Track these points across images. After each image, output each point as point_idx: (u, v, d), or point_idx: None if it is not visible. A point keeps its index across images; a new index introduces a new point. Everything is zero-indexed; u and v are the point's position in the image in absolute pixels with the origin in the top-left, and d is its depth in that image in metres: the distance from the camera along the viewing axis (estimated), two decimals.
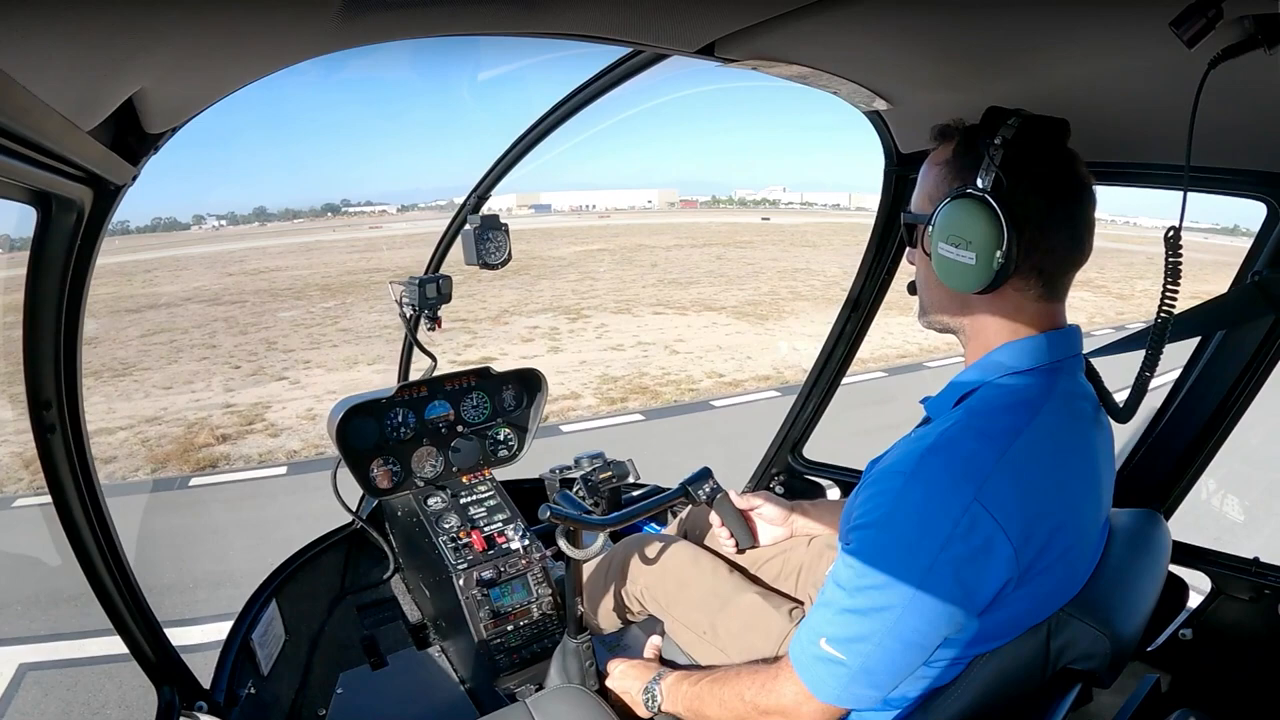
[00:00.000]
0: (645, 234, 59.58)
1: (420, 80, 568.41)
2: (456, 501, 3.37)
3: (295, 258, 46.38)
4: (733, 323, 20.86)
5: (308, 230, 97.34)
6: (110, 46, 1.03)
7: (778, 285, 28.96)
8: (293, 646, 3.13)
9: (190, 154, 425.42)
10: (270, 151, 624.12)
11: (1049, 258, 1.54)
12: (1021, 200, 1.49)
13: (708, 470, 2.48)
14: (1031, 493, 1.47)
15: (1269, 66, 1.31)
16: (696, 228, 71.71)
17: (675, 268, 35.37)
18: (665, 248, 46.51)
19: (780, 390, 13.15)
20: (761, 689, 1.70)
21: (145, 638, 2.24)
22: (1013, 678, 1.56)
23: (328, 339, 19.34)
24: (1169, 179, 2.14)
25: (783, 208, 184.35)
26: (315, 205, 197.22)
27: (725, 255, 42.19)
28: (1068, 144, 1.57)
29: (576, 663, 2.42)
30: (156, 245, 70.20)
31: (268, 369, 16.08)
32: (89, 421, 1.94)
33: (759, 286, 28.61)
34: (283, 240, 67.35)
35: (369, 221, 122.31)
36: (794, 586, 2.50)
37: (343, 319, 22.27)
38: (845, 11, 1.50)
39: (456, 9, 1.26)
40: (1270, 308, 2.05)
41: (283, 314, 23.57)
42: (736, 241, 52.77)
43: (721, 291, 27.14)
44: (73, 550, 2.03)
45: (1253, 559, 2.31)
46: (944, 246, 1.57)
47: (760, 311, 22.67)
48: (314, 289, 29.79)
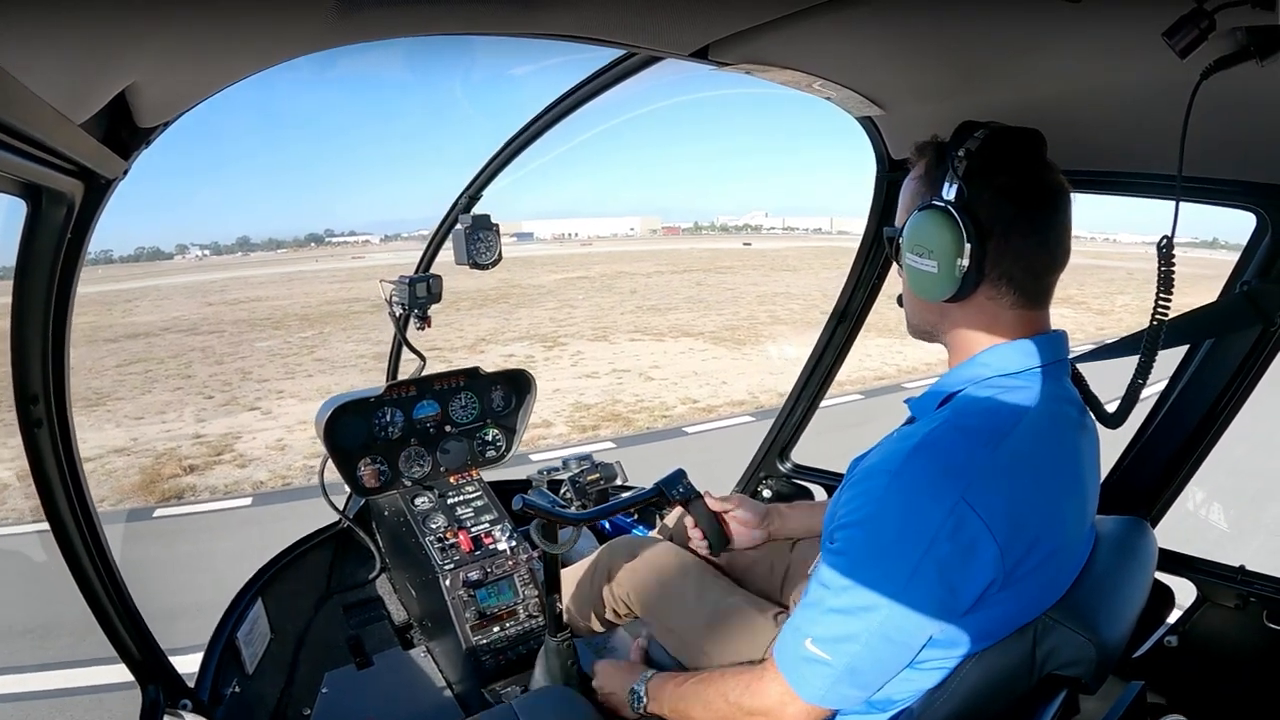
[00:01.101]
0: (626, 261, 60.08)
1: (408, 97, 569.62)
2: (444, 502, 3.37)
3: (276, 288, 46.62)
4: (709, 348, 20.82)
5: (291, 260, 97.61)
6: (103, 39, 1.03)
7: (756, 310, 29.00)
8: (278, 645, 3.12)
9: (176, 182, 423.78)
10: (255, 178, 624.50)
11: (1018, 264, 1.56)
12: (986, 209, 1.51)
13: (682, 471, 2.47)
14: (1017, 494, 1.47)
15: (1260, 78, 1.33)
16: (678, 254, 71.95)
17: (654, 294, 35.57)
18: (645, 274, 46.74)
19: (754, 415, 13.14)
20: (746, 689, 1.69)
21: (130, 636, 2.23)
22: (998, 683, 1.56)
23: (303, 369, 19.24)
24: (1160, 189, 2.15)
25: (764, 233, 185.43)
26: (299, 235, 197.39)
27: (705, 281, 42.23)
28: (1046, 153, 1.58)
29: (559, 661, 2.42)
30: (139, 275, 70.30)
31: (241, 399, 16.00)
32: None
33: (738, 311, 28.64)
34: (265, 270, 67.33)
35: (351, 252, 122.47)
36: (779, 590, 2.50)
37: (319, 349, 22.20)
38: (839, 17, 1.51)
39: (450, 8, 1.26)
40: (1258, 317, 2.06)
41: (260, 344, 23.45)
42: (717, 267, 52.94)
43: (700, 317, 27.18)
44: (58, 547, 2.02)
45: (1238, 567, 2.31)
46: (910, 257, 1.62)
47: (738, 336, 22.68)
48: (293, 319, 29.94)
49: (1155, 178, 2.14)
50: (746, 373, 17.41)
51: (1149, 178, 2.16)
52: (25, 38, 0.91)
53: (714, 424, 12.74)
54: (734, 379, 16.68)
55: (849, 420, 12.01)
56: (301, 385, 17.19)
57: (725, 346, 21.06)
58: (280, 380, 17.91)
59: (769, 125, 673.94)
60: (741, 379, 16.67)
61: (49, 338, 1.75)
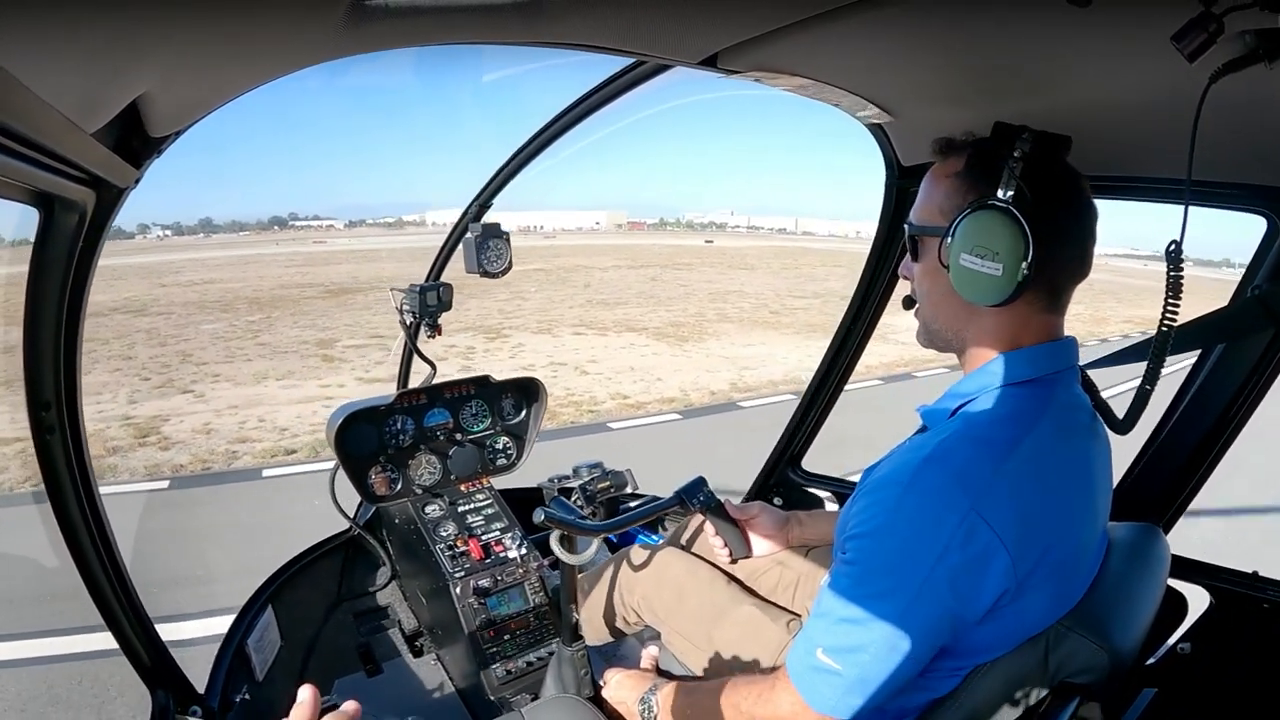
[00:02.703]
0: (586, 255, 59.76)
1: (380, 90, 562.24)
2: (454, 509, 3.36)
3: (233, 270, 45.95)
4: (651, 344, 20.73)
5: (252, 243, 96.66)
6: (115, 49, 1.04)
7: (706, 307, 28.93)
8: (288, 653, 3.12)
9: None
10: (222, 160, 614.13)
11: (1062, 271, 1.57)
12: (1039, 214, 1.49)
13: (702, 479, 2.46)
14: (1029, 504, 1.47)
15: (1269, 81, 1.33)
16: (639, 249, 71.94)
17: (607, 289, 35.22)
18: (603, 268, 46.47)
19: (682, 414, 13.03)
20: (758, 700, 1.70)
21: (140, 641, 2.24)
22: (1010, 691, 1.57)
23: (243, 353, 19.08)
24: (1169, 193, 2.14)
25: (729, 231, 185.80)
26: (263, 218, 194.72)
27: (660, 277, 42.14)
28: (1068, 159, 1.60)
29: (572, 671, 2.40)
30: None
31: (176, 381, 15.78)
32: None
33: (687, 308, 28.57)
34: (225, 253, 66.78)
35: (314, 236, 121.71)
36: (791, 598, 2.50)
37: (264, 333, 21.96)
38: (848, 24, 1.51)
39: (461, 17, 1.25)
40: (1270, 321, 2.05)
41: (206, 326, 23.20)
42: (675, 263, 52.93)
43: (648, 313, 27.06)
44: (69, 551, 2.03)
45: (1252, 573, 2.30)
46: (967, 258, 1.56)
47: (681, 333, 22.60)
48: (242, 302, 29.30)
49: (1164, 182, 2.14)
50: (683, 370, 17.35)
51: (1158, 182, 2.15)
52: (38, 47, 0.93)
53: (639, 421, 12.57)
54: (669, 375, 16.60)
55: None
56: (239, 369, 17.03)
57: (667, 343, 21.00)
58: (218, 364, 17.73)
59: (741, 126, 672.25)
60: (677, 376, 16.59)
61: (61, 345, 1.76)
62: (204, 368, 17.33)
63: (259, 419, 12.63)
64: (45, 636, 5.47)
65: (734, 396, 14.52)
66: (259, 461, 10.29)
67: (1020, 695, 1.57)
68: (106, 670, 4.94)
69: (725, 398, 14.47)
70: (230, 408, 13.48)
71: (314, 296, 30.97)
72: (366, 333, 21.72)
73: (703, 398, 14.48)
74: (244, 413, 13.10)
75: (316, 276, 40.20)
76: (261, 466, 9.99)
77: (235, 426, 12.19)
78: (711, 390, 15.13)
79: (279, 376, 16.27)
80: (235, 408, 13.42)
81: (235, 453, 10.78)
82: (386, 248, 66.87)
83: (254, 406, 13.52)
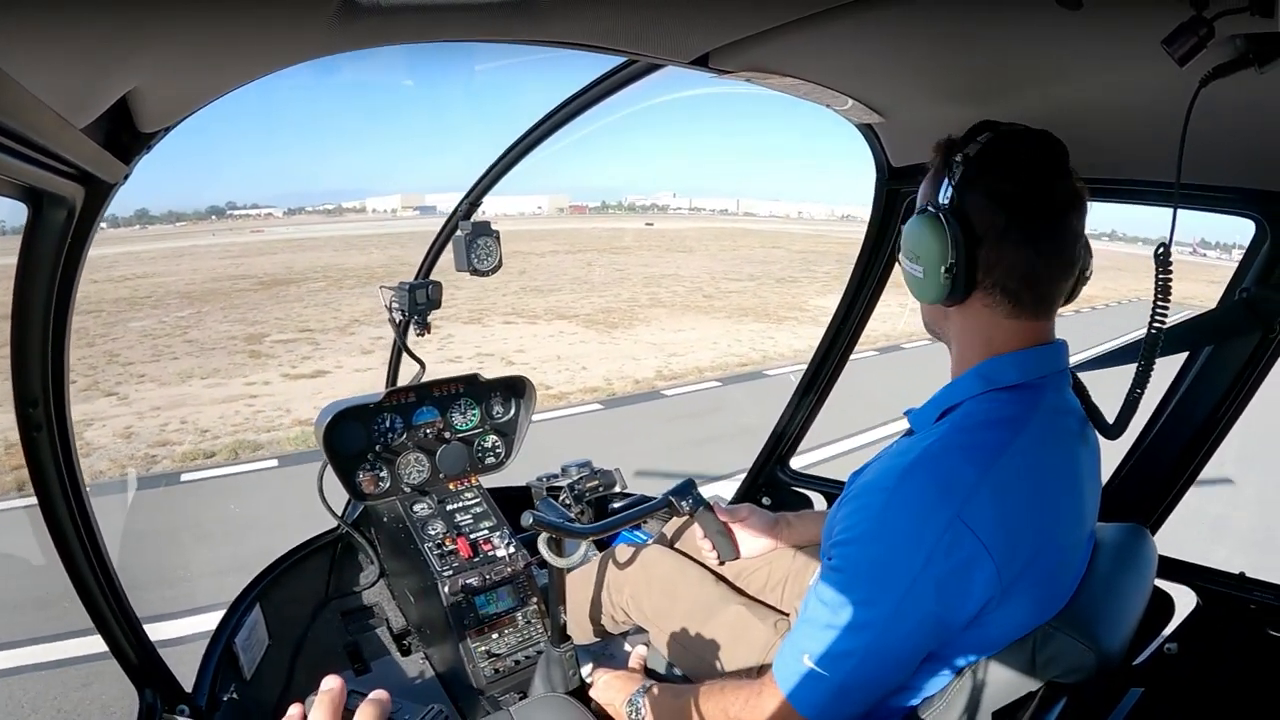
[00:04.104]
0: (525, 240, 59.60)
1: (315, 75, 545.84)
2: (443, 508, 3.34)
3: (166, 263, 45.01)
4: (579, 331, 20.77)
5: (188, 234, 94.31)
6: (106, 45, 1.03)
7: (639, 292, 28.94)
8: (276, 651, 3.11)
9: None
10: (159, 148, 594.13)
11: (1011, 274, 1.53)
12: (979, 215, 1.50)
13: (692, 481, 2.46)
14: (1014, 510, 1.46)
15: (1259, 85, 1.32)
16: (579, 233, 71.55)
17: (542, 274, 35.47)
18: (540, 254, 46.67)
19: (603, 404, 13.05)
20: (746, 704, 1.69)
21: (127, 639, 2.22)
22: (999, 691, 1.57)
23: (171, 350, 18.81)
24: (1159, 195, 2.14)
25: (671, 213, 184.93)
26: (200, 208, 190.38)
27: (596, 262, 42.08)
28: (1061, 160, 1.55)
29: (560, 671, 2.39)
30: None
31: (101, 384, 15.51)
32: None
33: (619, 294, 28.57)
34: (160, 244, 65.43)
35: (251, 225, 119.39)
36: (779, 598, 2.50)
37: (193, 329, 21.96)
38: (840, 25, 1.51)
39: (453, 15, 1.25)
40: (1258, 324, 2.06)
41: (134, 324, 22.80)
42: (613, 248, 52.76)
43: (580, 299, 27.31)
44: (56, 550, 2.01)
45: (1239, 574, 2.30)
46: (903, 259, 1.63)
47: (611, 320, 22.66)
48: (174, 297, 29.34)
49: (1154, 184, 2.14)
50: (609, 358, 17.34)
51: (1148, 184, 2.16)
52: (28, 42, 0.92)
53: (559, 412, 12.49)
54: (595, 364, 16.57)
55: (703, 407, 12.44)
56: (165, 369, 16.83)
57: (596, 330, 21.01)
58: (145, 364, 17.49)
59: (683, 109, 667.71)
60: (603, 364, 16.57)
61: (49, 341, 1.74)
62: (130, 368, 17.09)
63: (181, 420, 12.56)
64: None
65: (658, 385, 14.58)
66: (178, 466, 10.22)
67: (1008, 696, 1.58)
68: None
69: (649, 386, 14.54)
70: (153, 409, 13.37)
71: (246, 289, 30.65)
72: (297, 327, 21.61)
73: (626, 386, 14.54)
74: (166, 414, 13.00)
75: (251, 267, 39.67)
76: (180, 471, 9.93)
77: (156, 429, 12.09)
78: (636, 379, 15.15)
79: (204, 375, 16.14)
80: (158, 409, 13.33)
81: (154, 457, 10.70)
82: (325, 235, 65.29)
83: (177, 407, 13.42)
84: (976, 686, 1.58)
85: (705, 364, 16.64)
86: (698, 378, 15.22)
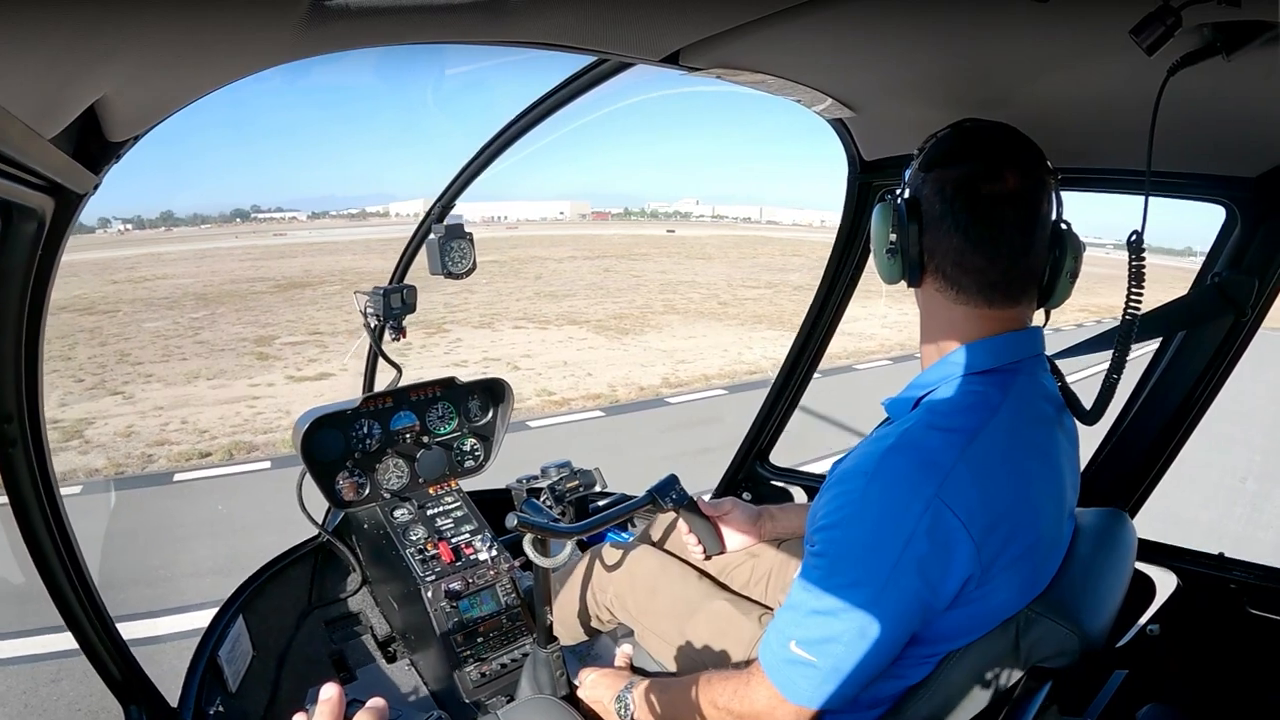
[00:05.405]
0: (544, 246, 60.11)
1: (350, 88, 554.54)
2: (423, 513, 3.34)
3: (187, 265, 45.70)
4: (589, 337, 20.66)
5: (212, 236, 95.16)
6: (72, 53, 1.01)
7: (654, 299, 28.83)
8: (260, 663, 3.08)
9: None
10: (186, 153, 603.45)
11: (947, 260, 1.58)
12: (926, 203, 1.57)
13: (674, 477, 2.46)
14: (992, 490, 1.48)
15: (1227, 73, 1.34)
16: (599, 239, 71.71)
17: (558, 280, 35.60)
18: (558, 260, 46.92)
19: (605, 410, 12.96)
20: (734, 694, 1.70)
21: (111, 656, 2.20)
22: (984, 676, 1.58)
23: (180, 351, 18.85)
24: (1130, 184, 2.17)
25: (693, 220, 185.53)
26: (225, 210, 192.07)
27: (614, 268, 42.04)
28: (1022, 153, 1.56)
29: (547, 673, 2.40)
30: None
31: (108, 383, 15.56)
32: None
33: (634, 300, 28.50)
34: (182, 246, 66.10)
35: (274, 229, 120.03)
36: (763, 592, 2.52)
37: (205, 330, 22.02)
38: (809, 21, 1.51)
39: (421, 17, 1.24)
40: (1230, 308, 2.08)
41: (148, 324, 22.85)
42: (632, 254, 52.81)
43: (593, 305, 27.32)
44: (35, 567, 1.98)
45: (1218, 554, 2.34)
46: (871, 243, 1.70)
47: (623, 326, 22.69)
48: (190, 298, 29.51)
49: (1125, 173, 2.16)
50: (616, 364, 17.22)
51: (1119, 173, 2.18)
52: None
53: (561, 418, 12.46)
54: (601, 370, 16.46)
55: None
56: (173, 369, 16.83)
57: (606, 336, 20.90)
58: (154, 364, 17.53)
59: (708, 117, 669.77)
60: (609, 370, 16.47)
61: (22, 355, 1.70)
62: (138, 368, 17.10)
63: (182, 420, 12.55)
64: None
65: (663, 392, 14.46)
66: (173, 465, 10.22)
67: (992, 680, 1.59)
68: None
69: (654, 393, 14.40)
70: (156, 409, 13.38)
71: (262, 291, 30.65)
72: (307, 329, 21.55)
73: (631, 394, 14.42)
74: (168, 414, 12.99)
75: (269, 270, 39.70)
76: (174, 470, 9.93)
77: (157, 429, 12.10)
78: (641, 386, 15.03)
79: (210, 376, 16.13)
80: (161, 409, 13.32)
81: (151, 456, 10.69)
82: (346, 239, 65.75)
83: (180, 408, 13.41)
84: (961, 671, 1.59)
85: (713, 371, 16.52)
86: (704, 385, 15.10)
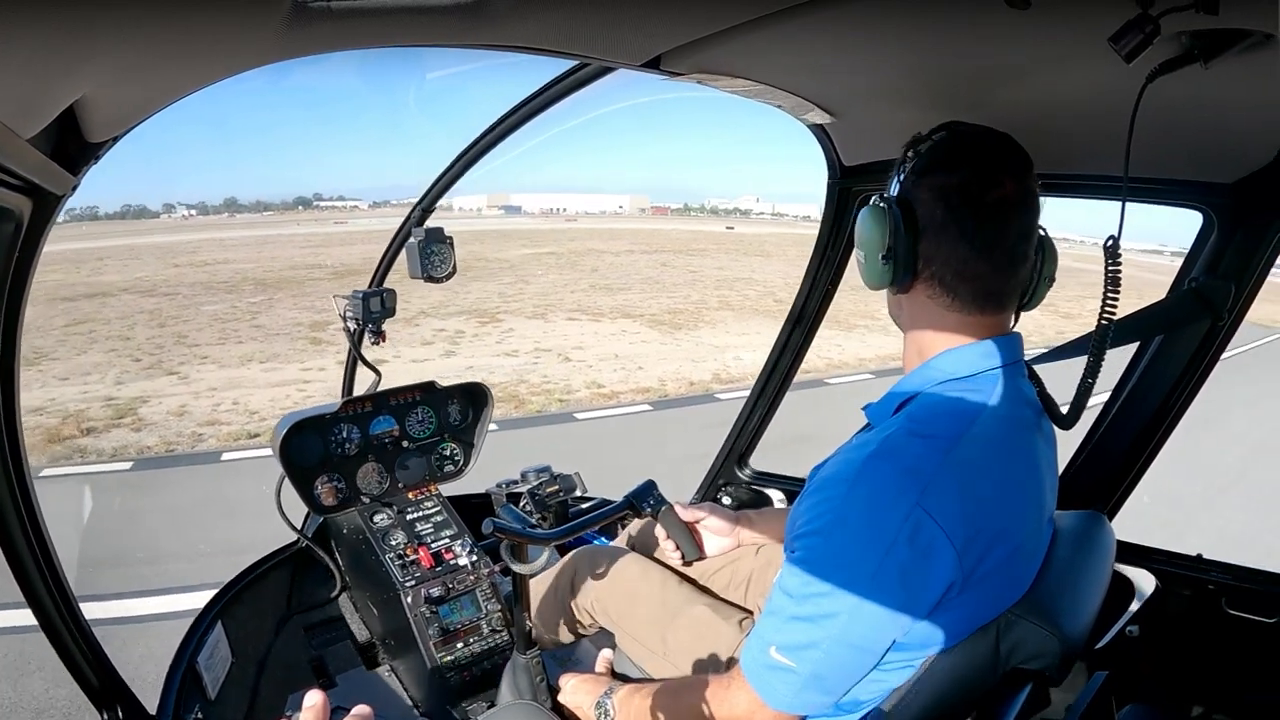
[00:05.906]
0: (602, 239, 59.92)
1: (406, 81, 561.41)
2: (403, 518, 3.31)
3: (248, 250, 46.18)
4: (642, 331, 20.79)
5: (274, 223, 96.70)
6: (52, 52, 1.00)
7: (709, 295, 28.76)
8: (240, 669, 3.05)
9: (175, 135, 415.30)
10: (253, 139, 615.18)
11: (948, 267, 1.57)
12: (922, 208, 1.55)
13: (652, 483, 2.46)
14: (973, 497, 1.48)
15: (1204, 80, 1.35)
16: (657, 234, 71.55)
17: (615, 273, 35.55)
18: (615, 253, 46.54)
19: (654, 405, 12.97)
20: (715, 700, 1.70)
21: (87, 661, 2.17)
22: (965, 679, 1.58)
23: (236, 335, 19.18)
24: (1108, 190, 2.19)
25: (753, 217, 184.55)
26: (288, 198, 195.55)
27: (671, 263, 41.90)
28: (1016, 160, 1.56)
29: (527, 678, 2.37)
30: (119, 233, 68.79)
31: (165, 363, 15.91)
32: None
33: (689, 295, 28.40)
34: (245, 232, 67.29)
35: (335, 217, 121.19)
36: (743, 596, 2.51)
37: (262, 314, 22.21)
38: (790, 26, 1.52)
39: (403, 20, 1.23)
40: (1207, 312, 2.10)
41: (207, 307, 23.25)
42: (689, 249, 52.57)
43: (648, 299, 27.22)
44: (11, 571, 1.94)
45: (1196, 555, 2.36)
46: (856, 248, 1.67)
47: (677, 320, 22.60)
48: (249, 283, 29.92)
49: (1103, 179, 2.18)
50: (668, 358, 17.15)
51: (1097, 179, 2.20)
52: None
53: (609, 411, 12.48)
54: (652, 364, 16.40)
55: None
56: (229, 351, 17.12)
57: (659, 330, 20.85)
58: (210, 345, 17.81)
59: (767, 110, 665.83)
60: (660, 365, 16.39)
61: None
62: (195, 350, 17.39)
63: (233, 402, 12.73)
64: None
65: (714, 388, 14.34)
66: (221, 445, 10.35)
67: (973, 683, 1.59)
68: None
69: (704, 389, 14.29)
70: (209, 390, 13.58)
71: (321, 278, 30.92)
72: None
73: (680, 388, 14.35)
74: (220, 395, 13.18)
75: (328, 257, 40.06)
76: (222, 450, 10.05)
77: (209, 409, 12.25)
78: (691, 381, 14.94)
79: (263, 359, 16.37)
80: (214, 390, 13.53)
81: (201, 435, 10.82)
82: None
83: (232, 389, 13.59)
84: (941, 675, 1.58)
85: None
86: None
